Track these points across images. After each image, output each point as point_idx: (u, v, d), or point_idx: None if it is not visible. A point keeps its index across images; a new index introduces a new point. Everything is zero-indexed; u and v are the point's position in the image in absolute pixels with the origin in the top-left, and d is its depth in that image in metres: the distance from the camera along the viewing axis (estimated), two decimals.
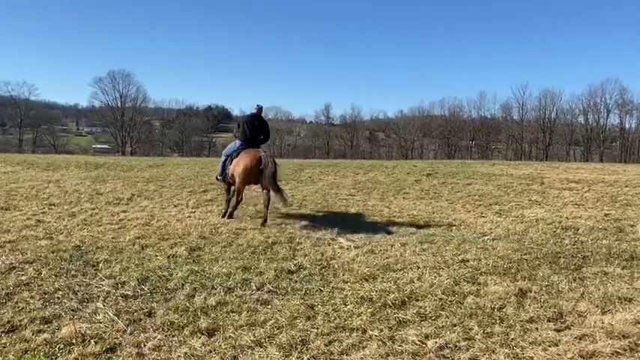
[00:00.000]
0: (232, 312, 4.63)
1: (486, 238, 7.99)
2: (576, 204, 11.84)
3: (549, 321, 4.51)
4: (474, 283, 5.60)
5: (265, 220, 8.72)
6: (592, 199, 12.68)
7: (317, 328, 4.26)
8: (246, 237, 7.71)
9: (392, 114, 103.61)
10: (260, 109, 9.77)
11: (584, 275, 6.02)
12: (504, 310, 4.78)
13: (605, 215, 10.30)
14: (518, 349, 3.92)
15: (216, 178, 10.20)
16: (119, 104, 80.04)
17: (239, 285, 5.37)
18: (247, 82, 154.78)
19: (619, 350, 3.90)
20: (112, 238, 7.47)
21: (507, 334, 4.19)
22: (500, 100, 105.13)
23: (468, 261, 6.58)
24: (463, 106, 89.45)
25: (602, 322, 4.46)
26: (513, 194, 13.27)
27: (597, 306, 4.92)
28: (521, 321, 4.49)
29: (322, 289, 5.33)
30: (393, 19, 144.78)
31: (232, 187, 9.60)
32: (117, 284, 5.35)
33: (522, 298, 5.14)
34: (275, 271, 5.83)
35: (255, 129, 9.51)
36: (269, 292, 5.21)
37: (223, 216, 9.31)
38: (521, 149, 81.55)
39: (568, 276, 5.94)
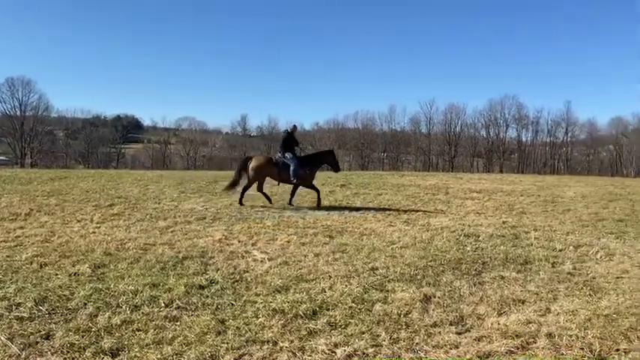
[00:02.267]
0: (138, 330, 4.46)
1: (395, 246, 8.30)
2: (477, 212, 12.59)
3: (451, 324, 4.76)
4: (382, 291, 5.79)
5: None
6: (492, 208, 13.55)
7: (227, 343, 4.21)
8: (155, 252, 7.47)
9: (308, 126, 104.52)
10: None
11: (484, 280, 6.41)
12: (410, 315, 4.98)
13: (503, 223, 11.05)
14: (422, 353, 4.11)
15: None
16: (18, 113, 74.56)
17: (146, 302, 5.19)
18: (160, 90, 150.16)
19: (513, 349, 4.19)
20: (7, 256, 6.95)
21: (412, 339, 4.38)
22: (410, 113, 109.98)
23: (377, 269, 6.79)
24: (375, 119, 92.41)
25: (499, 324, 4.77)
26: (420, 204, 13.88)
27: (494, 308, 5.26)
28: (425, 325, 4.71)
29: (234, 302, 5.27)
30: (307, 32, 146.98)
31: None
32: (11, 306, 4.98)
33: (427, 303, 5.38)
34: (185, 287, 5.69)
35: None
36: (178, 308, 5.08)
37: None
38: (429, 161, 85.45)
39: (469, 281, 6.30)
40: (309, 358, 4.00)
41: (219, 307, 5.15)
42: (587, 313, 5.09)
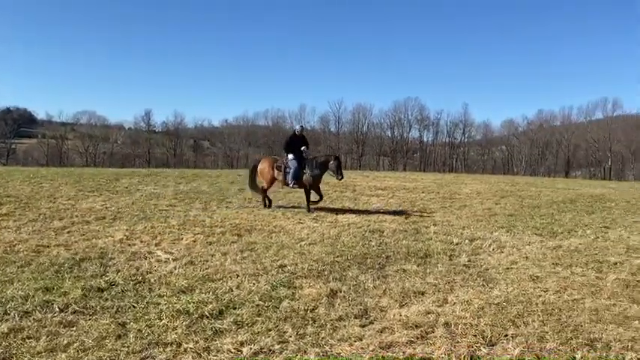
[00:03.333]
0: (29, 338, 4.15)
1: (304, 243, 8.38)
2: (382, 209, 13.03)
3: (356, 317, 4.90)
4: (290, 288, 5.82)
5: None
6: (395, 204, 14.09)
7: (128, 347, 4.03)
8: (50, 254, 6.99)
9: (217, 122, 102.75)
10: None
11: (387, 273, 6.66)
12: (317, 310, 5.06)
13: (406, 218, 11.51)
14: (327, 347, 4.19)
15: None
16: None
17: (38, 308, 4.84)
18: (55, 82, 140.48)
19: (413, 339, 4.39)
20: None
21: (318, 334, 4.45)
22: (319, 112, 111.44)
23: (285, 266, 6.82)
24: (286, 117, 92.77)
25: (400, 315, 4.98)
26: (329, 201, 14.10)
27: (396, 300, 5.48)
28: (331, 320, 4.80)
29: (136, 305, 5.07)
30: (215, 26, 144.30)
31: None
32: None
33: (333, 298, 5.49)
34: (82, 290, 5.38)
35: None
36: (75, 312, 4.79)
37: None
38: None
39: (373, 275, 6.52)
40: (215, 358, 3.94)
41: (119, 309, 4.92)
42: (481, 303, 5.45)
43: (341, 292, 5.71)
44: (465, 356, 4.03)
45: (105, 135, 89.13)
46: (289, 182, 12.12)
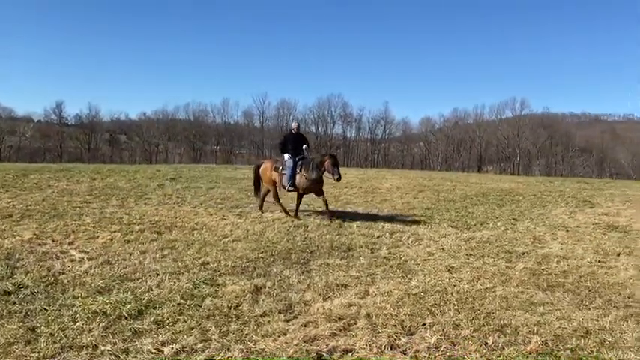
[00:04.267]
0: None
1: (227, 239, 8.27)
2: (307, 203, 13.11)
3: (280, 312, 4.91)
4: (212, 285, 5.74)
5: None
6: (319, 199, 14.22)
7: (38, 352, 3.81)
8: None
9: (135, 116, 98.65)
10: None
11: (311, 267, 6.73)
12: (240, 307, 5.02)
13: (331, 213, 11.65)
14: (251, 344, 4.17)
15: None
16: None
17: None
18: None
19: (336, 331, 4.47)
20: None
21: (242, 330, 4.42)
22: (243, 107, 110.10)
23: (208, 263, 6.70)
24: (208, 111, 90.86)
25: (324, 308, 5.05)
26: (253, 197, 14.00)
27: (320, 294, 5.55)
28: (255, 316, 4.79)
29: (47, 307, 4.79)
30: (130, 18, 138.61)
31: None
32: None
33: (257, 294, 5.48)
34: None
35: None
36: None
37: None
38: (263, 154, 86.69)
39: (298, 269, 6.56)
40: (134, 358, 3.82)
41: (29, 313, 4.64)
42: (400, 293, 5.64)
43: (265, 287, 5.70)
44: (385, 346, 4.16)
45: (11, 128, 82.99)
46: (285, 185, 11.07)
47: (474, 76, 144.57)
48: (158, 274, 6.06)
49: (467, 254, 7.91)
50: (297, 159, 11.06)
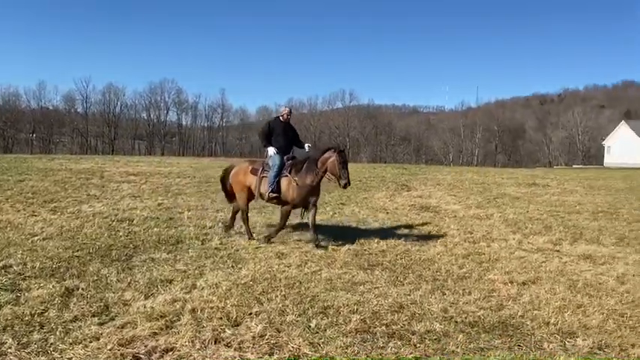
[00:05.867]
0: None
1: (36, 238, 7.39)
2: (134, 196, 12.35)
3: (94, 316, 4.47)
4: (13, 291, 5.04)
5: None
6: (148, 191, 13.50)
7: None
8: None
9: None
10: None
11: (134, 264, 6.28)
12: (46, 314, 4.47)
13: (159, 205, 11.12)
14: (57, 354, 3.72)
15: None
16: None
17: None
18: None
19: (157, 331, 4.19)
20: None
21: (46, 340, 3.92)
22: (63, 91, 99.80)
23: (10, 267, 5.89)
24: (21, 94, 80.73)
25: (145, 307, 4.72)
26: (71, 189, 12.78)
27: (142, 292, 5.18)
28: (63, 322, 4.29)
29: None
30: None
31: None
32: None
33: (68, 297, 4.93)
34: None
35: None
36: None
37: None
38: (87, 143, 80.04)
39: (118, 267, 6.07)
40: None
41: None
42: (229, 284, 5.53)
43: (78, 290, 5.16)
44: (209, 340, 4.02)
45: None
46: (268, 190, 7.87)
47: (307, 67, 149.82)
48: None
49: (297, 239, 8.09)
50: (285, 157, 8.09)
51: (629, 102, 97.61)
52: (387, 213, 11.15)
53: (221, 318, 4.50)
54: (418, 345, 4.08)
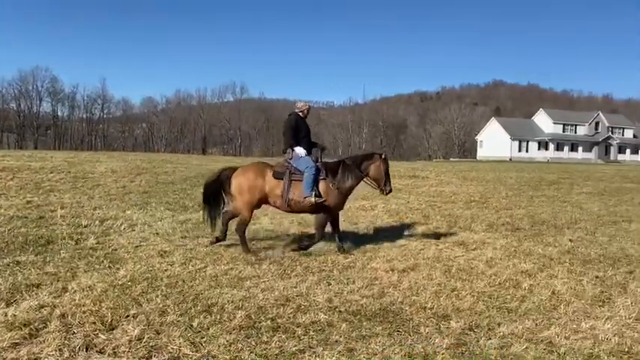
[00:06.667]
0: None
1: None
2: None
3: None
4: None
5: None
6: (16, 187, 12.32)
7: None
8: None
9: None
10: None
11: None
12: None
13: (28, 202, 10.19)
14: None
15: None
16: None
17: None
18: None
19: (18, 341, 3.79)
20: None
21: None
22: None
23: None
24: None
25: (6, 316, 4.26)
26: None
27: (3, 299, 4.68)
28: None
29: None
30: None
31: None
32: None
33: None
34: None
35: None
36: None
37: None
38: None
39: None
40: None
41: None
42: (104, 286, 5.17)
43: None
44: (79, 347, 3.71)
45: None
46: (306, 194, 6.99)
47: (195, 57, 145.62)
48: None
49: (182, 237, 7.82)
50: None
51: (498, 100, 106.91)
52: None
53: (94, 322, 4.19)
54: (302, 337, 4.09)
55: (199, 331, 4.11)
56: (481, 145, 75.53)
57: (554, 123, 71.61)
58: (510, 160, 60.79)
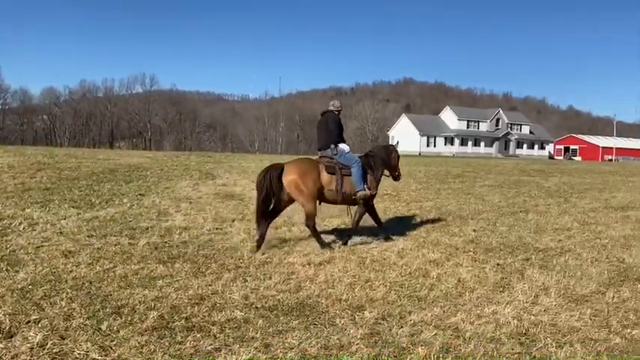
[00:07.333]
0: None
1: None
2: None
3: None
4: None
5: None
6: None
7: None
8: None
9: None
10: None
11: None
12: None
13: None
14: None
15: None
16: None
17: None
18: None
19: None
20: None
21: None
22: None
23: None
24: None
25: None
26: None
27: None
28: None
29: None
30: None
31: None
32: None
33: None
34: None
35: None
36: None
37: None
38: None
39: None
40: None
41: None
42: (1, 291, 4.81)
43: None
44: None
45: None
46: (359, 188, 7.43)
47: (101, 47, 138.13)
48: None
49: (88, 235, 7.41)
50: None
51: (408, 97, 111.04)
52: (191, 202, 10.86)
53: None
54: (218, 335, 4.03)
55: (108, 334, 3.93)
56: (393, 140, 78.18)
57: (459, 119, 75.70)
58: (420, 154, 63.48)
